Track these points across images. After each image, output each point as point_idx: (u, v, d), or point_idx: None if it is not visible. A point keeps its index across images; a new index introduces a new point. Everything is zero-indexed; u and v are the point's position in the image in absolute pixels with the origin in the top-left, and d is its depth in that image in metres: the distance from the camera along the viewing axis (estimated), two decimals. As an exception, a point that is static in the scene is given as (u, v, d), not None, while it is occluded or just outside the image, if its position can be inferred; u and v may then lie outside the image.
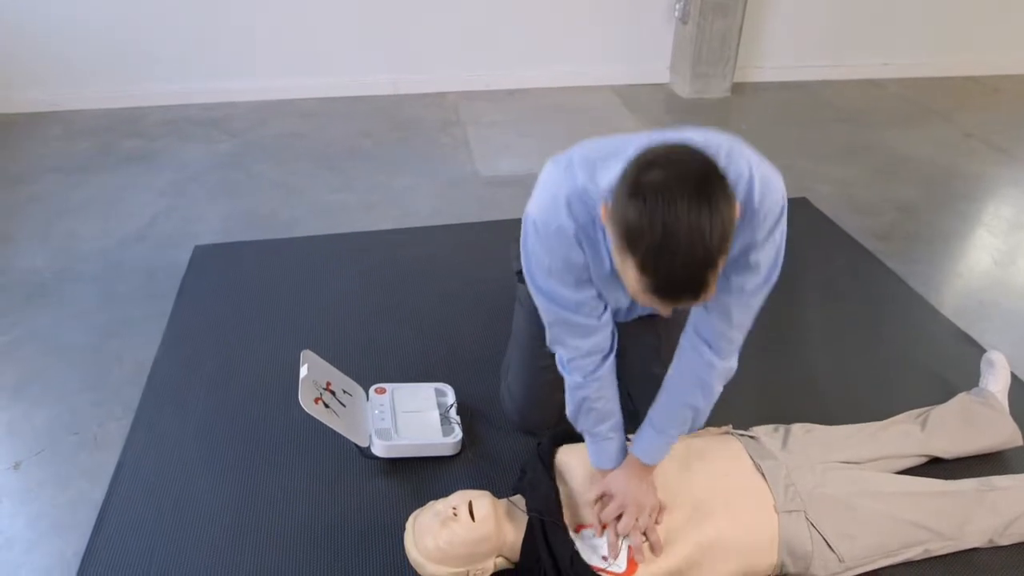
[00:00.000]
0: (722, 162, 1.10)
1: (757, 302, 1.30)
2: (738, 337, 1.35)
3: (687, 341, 1.39)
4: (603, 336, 1.38)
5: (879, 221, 2.94)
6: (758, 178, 1.16)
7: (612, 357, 1.43)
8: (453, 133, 3.68)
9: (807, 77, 4.47)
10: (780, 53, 4.40)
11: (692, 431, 1.47)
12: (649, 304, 1.06)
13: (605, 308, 1.36)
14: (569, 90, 4.24)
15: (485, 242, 2.71)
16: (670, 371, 1.44)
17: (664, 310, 1.07)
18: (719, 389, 1.42)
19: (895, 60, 4.54)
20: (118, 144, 3.46)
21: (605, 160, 1.17)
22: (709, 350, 1.35)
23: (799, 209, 2.95)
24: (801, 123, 3.90)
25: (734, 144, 1.18)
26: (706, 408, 1.44)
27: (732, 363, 1.39)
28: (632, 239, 1.00)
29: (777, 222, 1.20)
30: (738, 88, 4.30)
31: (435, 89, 4.16)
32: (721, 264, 1.00)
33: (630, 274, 1.03)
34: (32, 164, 3.25)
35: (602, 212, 1.09)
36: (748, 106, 4.14)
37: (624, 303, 1.45)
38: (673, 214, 0.95)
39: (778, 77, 4.46)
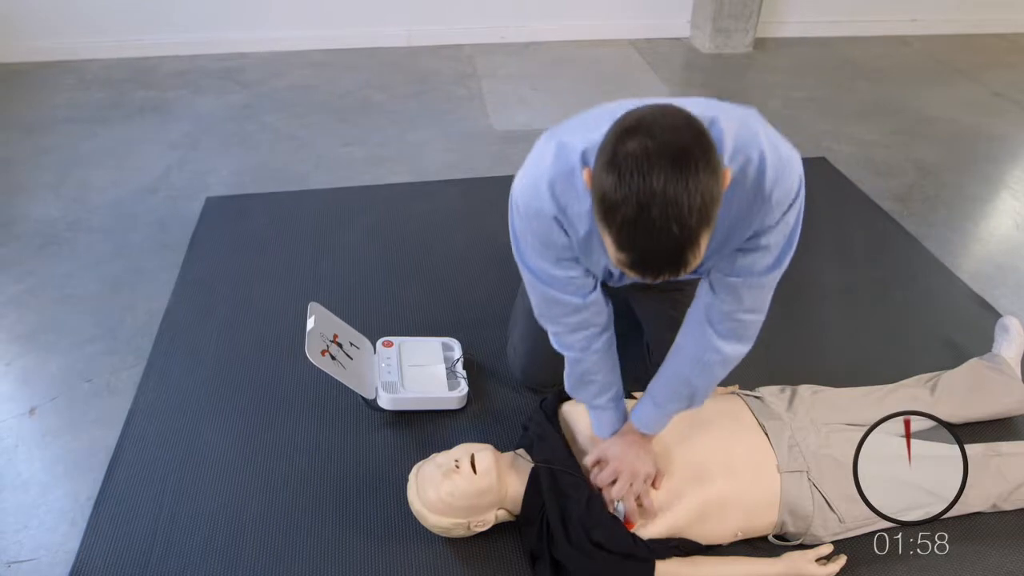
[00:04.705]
0: (729, 144, 1.05)
1: (769, 284, 1.25)
2: (750, 320, 1.29)
3: (693, 317, 1.35)
4: (592, 313, 1.35)
5: (899, 182, 2.88)
6: (771, 163, 1.10)
7: (609, 332, 1.41)
8: (468, 86, 3.63)
9: (832, 33, 4.35)
10: (805, 8, 4.28)
11: (692, 408, 1.44)
12: (631, 276, 1.02)
13: (595, 288, 1.33)
14: (586, 43, 4.16)
15: (497, 197, 2.63)
16: (675, 342, 1.40)
17: (649, 281, 1.01)
18: (720, 374, 1.37)
19: (922, 16, 4.40)
20: (131, 95, 3.44)
21: (599, 125, 1.08)
22: (712, 331, 1.30)
23: (817, 169, 2.90)
24: (823, 80, 3.81)
25: (747, 122, 1.11)
26: (703, 388, 1.40)
27: (739, 348, 1.33)
28: (607, 212, 0.95)
29: (790, 207, 1.15)
30: (760, 43, 4.20)
31: (450, 41, 4.09)
32: (704, 239, 0.95)
33: (609, 246, 0.99)
34: (45, 114, 3.24)
35: (585, 177, 1.05)
36: (770, 62, 4.03)
37: (614, 270, 1.35)
38: (648, 189, 0.90)
39: (802, 32, 4.34)
